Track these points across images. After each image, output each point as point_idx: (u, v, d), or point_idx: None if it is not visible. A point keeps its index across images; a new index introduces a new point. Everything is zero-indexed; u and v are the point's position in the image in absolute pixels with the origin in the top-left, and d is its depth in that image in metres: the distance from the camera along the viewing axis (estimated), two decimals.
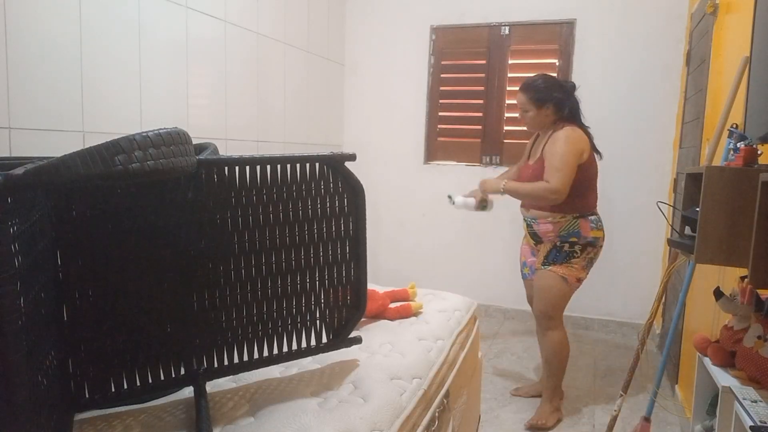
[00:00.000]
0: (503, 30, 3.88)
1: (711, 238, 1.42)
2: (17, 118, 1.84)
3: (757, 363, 1.45)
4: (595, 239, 2.46)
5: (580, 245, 2.44)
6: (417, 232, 4.22)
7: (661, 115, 3.60)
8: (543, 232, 2.48)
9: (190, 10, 2.60)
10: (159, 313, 1.21)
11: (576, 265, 2.45)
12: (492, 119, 3.96)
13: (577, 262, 2.45)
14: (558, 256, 2.45)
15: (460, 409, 1.82)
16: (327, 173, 1.36)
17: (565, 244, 2.44)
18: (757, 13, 1.50)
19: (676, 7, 3.51)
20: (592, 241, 2.45)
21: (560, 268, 2.44)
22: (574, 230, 2.43)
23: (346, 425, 1.16)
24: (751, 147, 1.48)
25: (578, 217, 2.43)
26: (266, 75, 3.26)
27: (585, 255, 2.46)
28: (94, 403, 1.19)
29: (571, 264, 2.44)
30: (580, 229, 2.43)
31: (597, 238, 2.47)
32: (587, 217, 2.46)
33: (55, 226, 1.08)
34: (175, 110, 2.57)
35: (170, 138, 1.01)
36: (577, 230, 2.43)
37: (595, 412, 2.61)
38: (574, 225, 2.43)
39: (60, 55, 1.98)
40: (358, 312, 1.47)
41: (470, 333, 2.06)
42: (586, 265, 2.48)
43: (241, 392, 1.33)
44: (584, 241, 2.44)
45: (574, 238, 2.43)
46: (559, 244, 2.44)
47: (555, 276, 2.44)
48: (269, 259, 1.32)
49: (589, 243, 2.45)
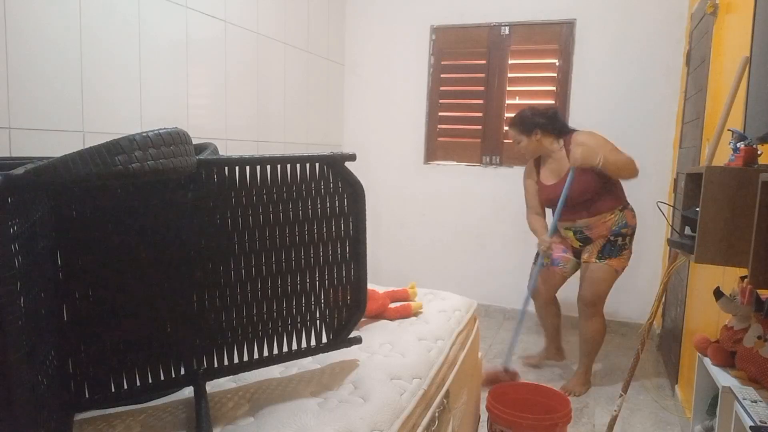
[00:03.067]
0: (503, 30, 3.88)
1: (711, 238, 1.42)
2: (17, 118, 1.84)
3: (757, 363, 1.45)
4: (635, 225, 2.71)
5: (629, 235, 2.68)
6: (417, 232, 4.22)
7: (661, 115, 3.60)
8: (596, 235, 2.68)
9: (190, 10, 2.60)
10: (159, 313, 1.21)
11: (625, 256, 2.69)
12: (492, 119, 3.96)
13: (626, 252, 2.69)
14: (612, 250, 2.65)
15: (460, 409, 1.82)
16: (327, 173, 1.36)
17: (618, 237, 2.65)
18: (757, 13, 1.51)
19: (676, 7, 3.51)
20: (634, 227, 2.70)
21: (614, 261, 2.66)
22: (623, 222, 2.65)
23: (346, 425, 1.16)
24: (751, 147, 1.48)
25: (623, 209, 2.67)
26: (266, 75, 3.26)
27: (630, 244, 2.70)
28: (94, 403, 1.19)
29: (623, 255, 2.68)
30: (626, 220, 2.66)
31: (636, 224, 2.72)
32: (627, 207, 2.71)
33: (55, 226, 1.08)
34: (175, 110, 2.57)
35: (170, 138, 1.01)
36: (625, 221, 2.66)
37: (595, 412, 2.61)
38: (621, 218, 2.65)
39: (60, 55, 1.98)
40: (358, 312, 1.47)
41: (470, 333, 2.06)
42: (630, 255, 2.71)
43: (241, 392, 1.33)
44: (632, 230, 2.68)
45: (625, 229, 2.65)
46: (612, 238, 2.65)
47: (610, 269, 2.66)
48: (269, 259, 1.32)
49: (634, 231, 2.70)
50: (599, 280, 2.67)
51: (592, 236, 2.69)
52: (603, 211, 2.63)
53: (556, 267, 2.82)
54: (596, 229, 2.66)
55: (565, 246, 2.82)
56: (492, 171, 3.99)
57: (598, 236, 2.67)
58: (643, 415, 2.58)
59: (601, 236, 2.66)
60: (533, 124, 2.71)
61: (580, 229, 2.71)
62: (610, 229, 2.64)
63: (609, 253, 2.65)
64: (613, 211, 2.64)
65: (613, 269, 2.67)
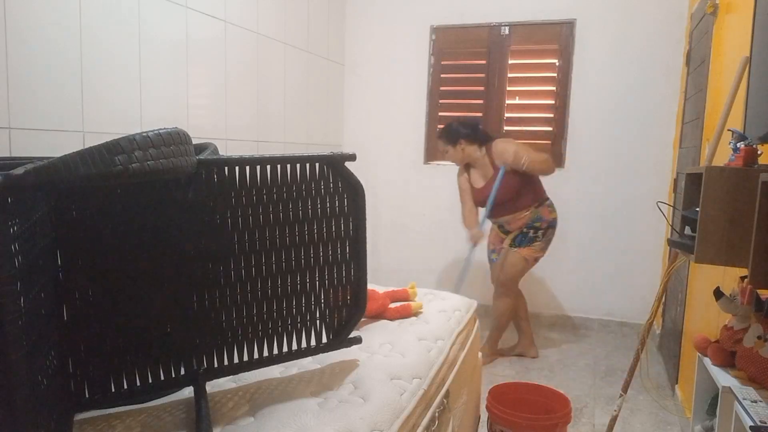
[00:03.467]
0: (503, 30, 3.88)
1: (711, 238, 1.42)
2: (17, 118, 1.84)
3: (757, 363, 1.45)
4: (554, 220, 3.06)
5: (543, 229, 3.03)
6: (417, 231, 4.22)
7: (661, 115, 3.60)
8: (514, 227, 3.07)
9: (190, 10, 2.60)
10: (159, 313, 1.21)
11: (536, 246, 3.05)
12: (492, 119, 3.96)
13: (538, 244, 3.04)
14: (523, 240, 3.04)
15: (460, 409, 1.82)
16: (327, 173, 1.36)
17: (531, 230, 3.03)
18: (757, 13, 1.51)
19: (676, 7, 3.51)
20: (552, 222, 3.05)
21: (524, 250, 3.05)
22: (537, 217, 3.02)
23: (346, 425, 1.16)
24: (751, 147, 1.48)
25: (539, 206, 3.03)
26: (266, 75, 3.26)
27: (546, 238, 3.05)
28: (94, 403, 1.19)
29: (533, 246, 3.04)
30: (542, 215, 3.03)
31: (555, 219, 3.07)
32: (544, 203, 3.05)
33: (55, 226, 1.08)
34: (175, 110, 2.57)
35: (170, 138, 1.01)
36: (540, 216, 3.02)
37: (595, 412, 2.61)
38: (536, 213, 3.03)
39: (60, 55, 1.98)
40: (358, 312, 1.47)
41: (470, 333, 2.06)
42: (544, 246, 3.07)
43: (241, 392, 1.33)
44: (546, 224, 3.03)
45: (538, 223, 3.02)
46: (525, 230, 3.04)
47: (518, 256, 3.06)
48: (269, 259, 1.32)
49: (550, 225, 3.05)
50: (509, 264, 3.08)
51: (512, 229, 3.09)
52: (521, 208, 3.01)
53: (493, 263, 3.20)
54: (514, 223, 3.06)
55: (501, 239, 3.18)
56: None
57: (515, 228, 3.07)
58: (643, 415, 2.58)
59: (518, 228, 3.06)
60: (458, 135, 3.06)
61: (501, 223, 3.12)
62: (526, 223, 3.03)
63: (520, 242, 3.05)
64: (529, 208, 3.01)
65: (521, 257, 3.05)
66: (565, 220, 3.85)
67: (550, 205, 3.06)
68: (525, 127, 3.93)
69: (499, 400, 2.05)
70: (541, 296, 3.97)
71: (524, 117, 3.94)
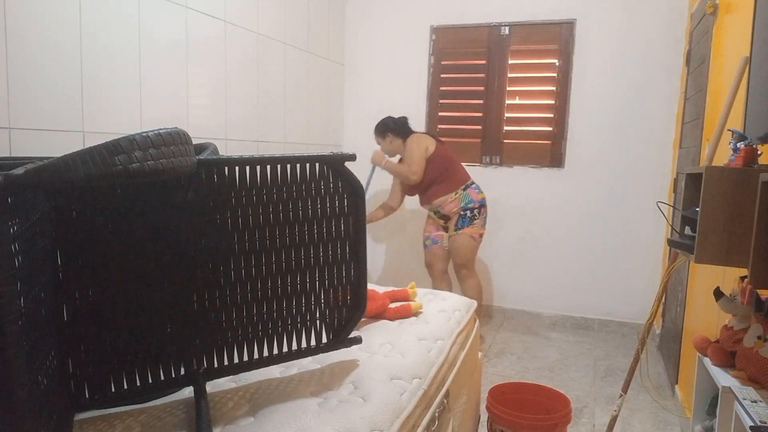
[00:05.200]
0: (503, 30, 3.88)
1: (711, 238, 1.42)
2: (17, 118, 1.84)
3: (757, 363, 1.45)
4: (483, 199, 3.37)
5: (477, 208, 3.34)
6: (417, 232, 4.21)
7: (661, 115, 3.60)
8: (449, 211, 3.34)
9: (189, 10, 2.60)
10: (159, 313, 1.21)
11: (477, 224, 3.34)
12: (492, 119, 3.97)
13: (477, 221, 3.34)
14: (464, 221, 3.33)
15: (460, 409, 1.82)
16: (327, 173, 1.36)
17: (467, 211, 3.32)
18: (757, 13, 1.51)
19: (676, 7, 3.51)
20: (482, 201, 3.36)
21: (468, 230, 3.33)
22: (469, 198, 3.32)
23: (346, 425, 1.16)
24: (751, 147, 1.48)
25: (465, 188, 3.34)
26: (266, 75, 3.27)
27: (481, 216, 3.36)
28: (94, 403, 1.19)
29: (474, 224, 3.33)
30: (471, 197, 3.33)
31: (484, 198, 3.38)
32: (470, 186, 3.37)
33: (55, 226, 1.08)
34: (175, 110, 2.57)
35: (170, 138, 1.01)
36: (470, 198, 3.33)
37: (595, 412, 2.61)
38: (466, 195, 3.32)
39: (60, 55, 1.98)
40: (358, 312, 1.47)
41: (470, 333, 2.06)
42: (483, 223, 3.38)
43: (241, 392, 1.33)
44: (478, 203, 3.34)
45: (471, 204, 3.32)
46: (462, 212, 3.32)
47: (466, 236, 3.34)
48: (269, 259, 1.32)
49: (481, 204, 3.36)
50: (461, 246, 3.35)
51: (448, 213, 3.35)
52: (447, 192, 3.31)
53: (435, 245, 3.46)
54: (447, 206, 3.34)
55: (437, 226, 3.47)
56: (492, 171, 3.99)
57: (452, 212, 3.34)
58: (643, 415, 2.58)
59: (455, 212, 3.32)
60: (387, 129, 3.40)
61: (436, 209, 3.40)
62: (459, 206, 3.31)
63: (462, 224, 3.33)
64: (456, 191, 3.32)
65: (468, 236, 3.32)
66: (565, 220, 3.86)
67: (477, 188, 3.38)
68: (525, 127, 3.93)
69: (499, 400, 2.05)
70: (541, 296, 3.97)
71: (524, 117, 3.94)
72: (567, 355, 3.34)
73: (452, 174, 3.34)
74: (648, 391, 2.82)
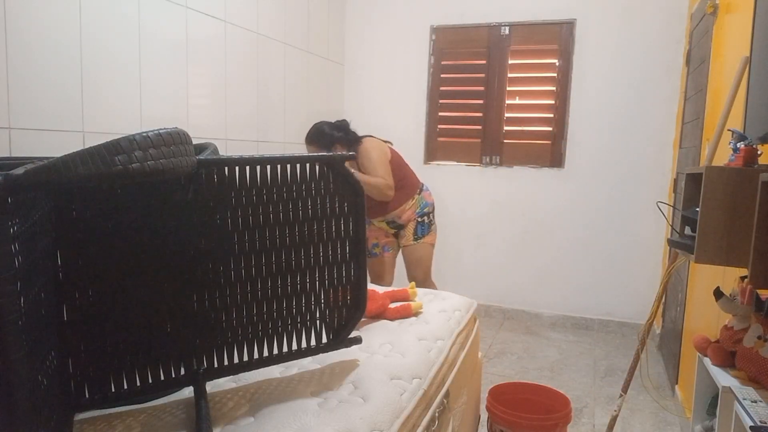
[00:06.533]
0: (503, 30, 3.88)
1: (711, 238, 1.42)
2: (17, 118, 1.84)
3: (757, 363, 1.45)
4: (433, 201, 3.09)
5: (431, 212, 3.06)
6: None
7: (661, 115, 3.60)
8: (406, 219, 3.00)
9: (189, 10, 2.60)
10: (159, 313, 1.21)
11: (433, 230, 3.08)
12: (492, 119, 3.97)
13: (433, 227, 3.08)
14: (423, 228, 3.03)
15: (460, 409, 1.82)
16: (327, 173, 1.36)
17: (425, 217, 3.03)
18: (757, 13, 1.51)
19: (676, 7, 3.51)
20: (432, 203, 3.08)
21: (428, 238, 3.05)
22: (424, 203, 3.02)
23: (346, 425, 1.16)
24: (751, 147, 1.48)
25: (419, 192, 3.02)
26: (266, 75, 3.26)
27: (434, 218, 3.09)
28: (94, 403, 1.19)
29: (432, 230, 3.07)
30: (426, 200, 3.04)
31: (433, 199, 3.10)
32: (423, 190, 3.05)
33: (55, 226, 1.08)
34: (175, 110, 2.57)
35: (170, 138, 1.01)
36: (426, 202, 3.03)
37: (595, 412, 2.61)
38: (421, 199, 3.01)
39: (60, 55, 1.98)
40: (358, 312, 1.47)
41: (470, 333, 2.06)
42: (436, 227, 3.11)
43: (241, 392, 1.33)
44: (431, 207, 3.06)
45: (427, 208, 3.03)
46: (420, 219, 3.01)
47: (426, 246, 3.05)
48: (269, 259, 1.32)
49: (432, 206, 3.08)
50: (422, 258, 3.05)
51: (403, 222, 3.01)
52: (399, 204, 2.95)
53: (388, 253, 3.16)
54: (405, 215, 2.99)
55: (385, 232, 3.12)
56: (492, 171, 4.00)
57: (408, 221, 3.01)
58: (643, 415, 2.58)
59: (411, 220, 3.00)
60: (332, 139, 2.88)
61: (391, 219, 3.02)
62: (415, 212, 3.00)
63: (423, 232, 3.03)
64: (413, 197, 2.98)
65: (429, 245, 3.06)
66: (565, 220, 3.86)
67: (427, 189, 3.10)
68: (525, 127, 3.93)
69: (499, 400, 2.05)
70: (541, 296, 3.97)
71: (524, 117, 3.94)
72: (567, 355, 3.34)
73: (409, 179, 3.00)
74: (648, 391, 2.82)
